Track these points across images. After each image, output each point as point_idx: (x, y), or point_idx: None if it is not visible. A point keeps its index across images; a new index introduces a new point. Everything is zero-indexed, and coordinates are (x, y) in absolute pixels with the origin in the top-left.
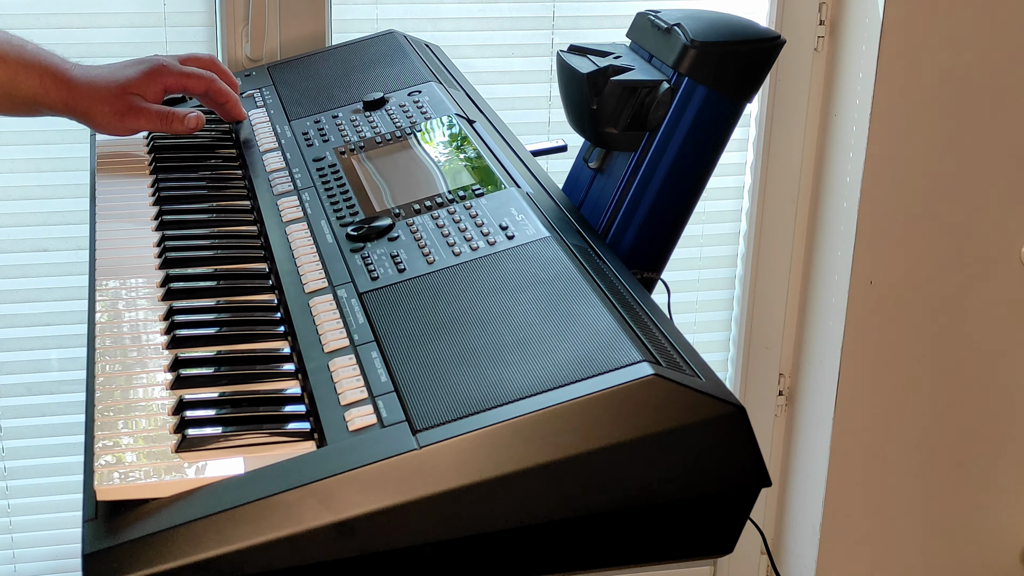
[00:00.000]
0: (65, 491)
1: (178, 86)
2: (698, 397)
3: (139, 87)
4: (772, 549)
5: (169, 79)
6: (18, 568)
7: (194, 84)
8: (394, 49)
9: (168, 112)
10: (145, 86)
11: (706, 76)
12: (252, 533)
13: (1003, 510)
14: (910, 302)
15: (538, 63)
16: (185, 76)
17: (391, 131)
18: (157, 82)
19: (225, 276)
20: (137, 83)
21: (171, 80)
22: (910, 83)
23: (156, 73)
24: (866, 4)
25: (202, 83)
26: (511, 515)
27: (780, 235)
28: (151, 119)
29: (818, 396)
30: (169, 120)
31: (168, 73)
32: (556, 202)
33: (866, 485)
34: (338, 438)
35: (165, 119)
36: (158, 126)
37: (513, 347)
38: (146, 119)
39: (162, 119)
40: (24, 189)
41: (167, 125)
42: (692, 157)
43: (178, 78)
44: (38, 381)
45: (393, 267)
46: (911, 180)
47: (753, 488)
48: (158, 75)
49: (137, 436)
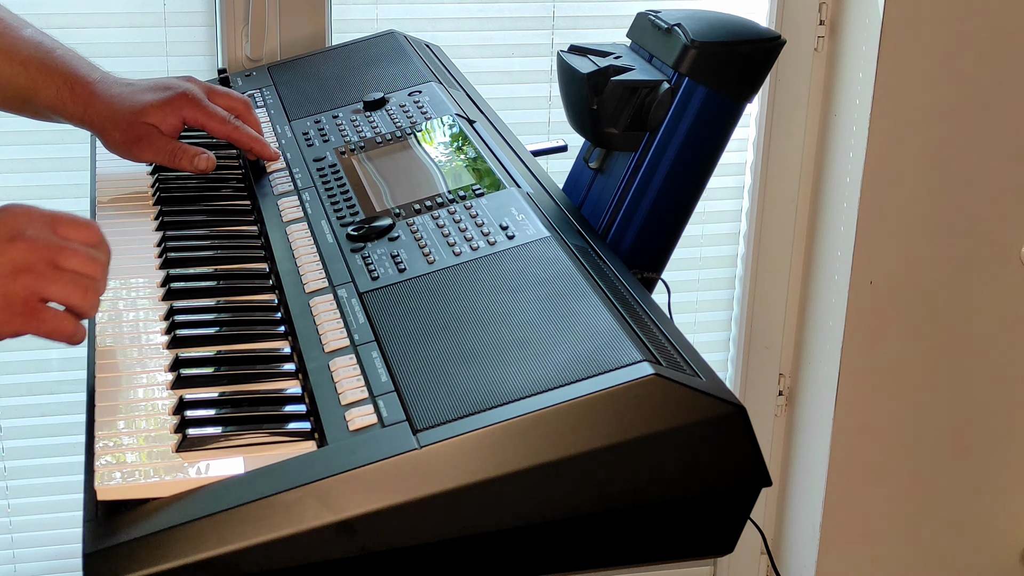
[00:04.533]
0: (65, 491)
1: (197, 123)
2: (698, 397)
3: (156, 116)
4: (772, 549)
5: (189, 112)
6: (18, 568)
7: (215, 127)
8: (394, 49)
9: (178, 148)
10: (163, 116)
11: (706, 76)
12: (252, 533)
13: (1003, 510)
14: (910, 302)
15: (538, 63)
16: (208, 115)
17: (391, 131)
18: (176, 114)
19: (225, 276)
20: (154, 110)
21: (191, 114)
22: (910, 83)
23: (177, 104)
24: (866, 4)
25: (223, 129)
26: (511, 515)
27: (780, 235)
28: (159, 153)
29: (818, 396)
30: (178, 157)
31: (191, 106)
32: (556, 202)
33: (866, 485)
34: (338, 438)
35: (173, 155)
36: (165, 160)
37: (513, 347)
38: (153, 152)
39: (170, 154)
40: (24, 189)
41: (175, 161)
42: (692, 157)
43: (199, 114)
44: (38, 381)
45: (393, 267)
46: (911, 180)
47: (753, 488)
48: (179, 106)
49: (137, 436)
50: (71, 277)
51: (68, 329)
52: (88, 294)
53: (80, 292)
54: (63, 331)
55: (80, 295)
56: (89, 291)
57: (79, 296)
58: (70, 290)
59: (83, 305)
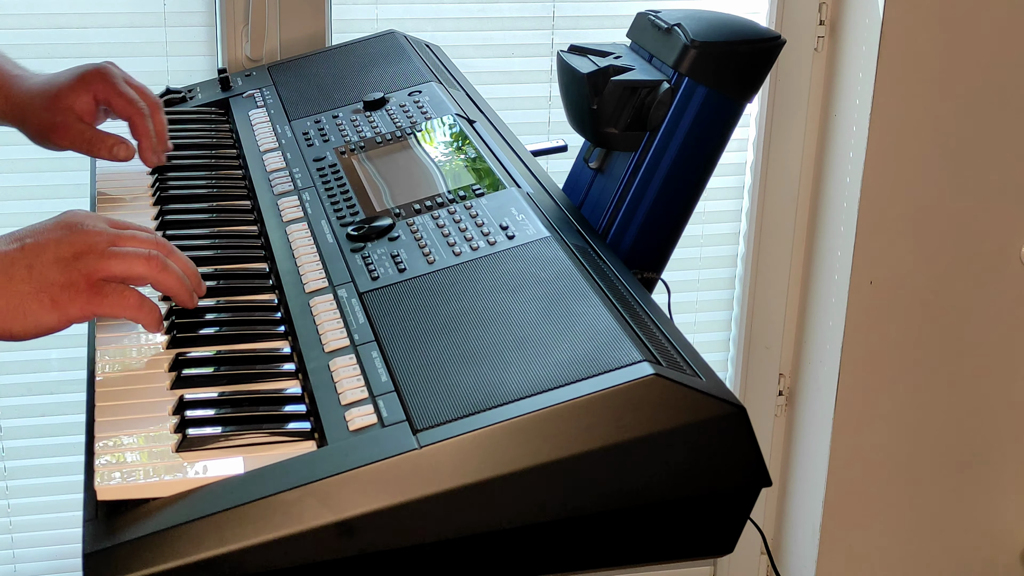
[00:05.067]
0: (65, 491)
1: (105, 99)
2: (698, 397)
3: (70, 95)
4: (772, 549)
5: (99, 87)
6: (18, 568)
7: (120, 105)
8: (394, 49)
9: (95, 135)
10: (76, 94)
11: (706, 76)
12: (252, 533)
13: (1003, 510)
14: (910, 302)
15: (538, 63)
16: (115, 92)
17: (391, 131)
18: (87, 89)
19: (225, 276)
20: (68, 90)
21: (101, 89)
22: (910, 83)
23: (89, 79)
24: (866, 4)
25: (127, 109)
26: (511, 515)
27: (780, 235)
28: (75, 140)
29: (818, 396)
30: (95, 145)
31: (102, 80)
32: (556, 202)
33: (866, 485)
34: (338, 438)
35: (91, 143)
36: (83, 148)
37: (513, 347)
38: (70, 139)
39: (88, 142)
40: (24, 189)
41: (92, 149)
42: (692, 157)
43: (108, 91)
44: (38, 381)
45: (393, 267)
46: (911, 180)
47: (753, 488)
48: (90, 81)
49: (137, 436)
50: (131, 254)
51: (132, 301)
52: (152, 264)
53: (142, 263)
54: (127, 304)
55: (143, 265)
56: (152, 262)
57: (142, 266)
58: (130, 263)
59: (148, 274)
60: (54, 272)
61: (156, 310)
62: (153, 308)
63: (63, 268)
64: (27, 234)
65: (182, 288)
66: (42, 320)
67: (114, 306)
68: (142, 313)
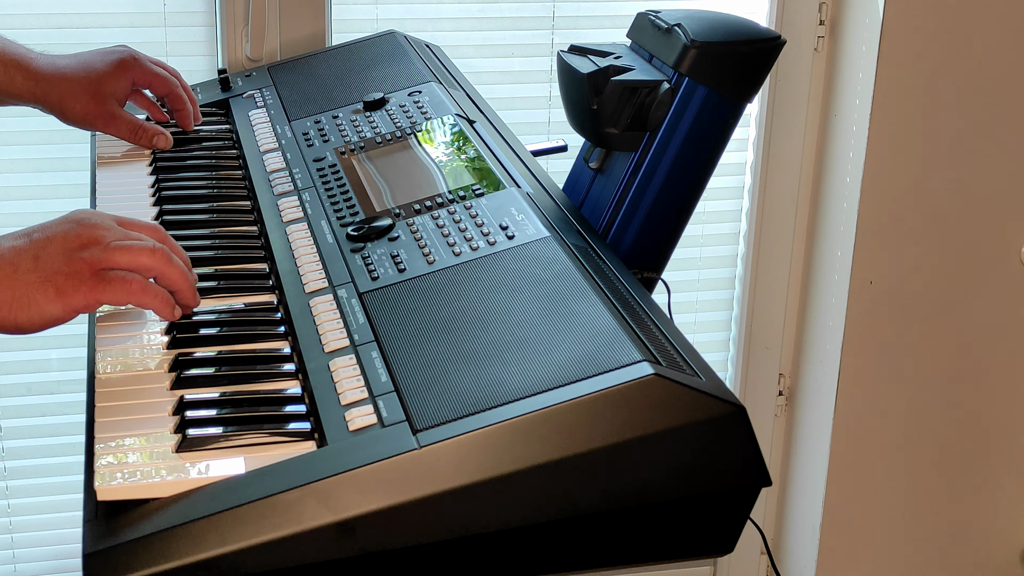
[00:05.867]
0: (65, 491)
1: (144, 82)
2: (698, 397)
3: (110, 81)
4: (772, 549)
5: (137, 73)
6: (18, 568)
7: (159, 84)
8: (394, 49)
9: (140, 126)
10: (116, 80)
11: (706, 76)
12: (253, 533)
13: (1003, 510)
14: (910, 302)
15: (538, 63)
16: (153, 74)
17: (391, 131)
18: (127, 75)
19: (225, 276)
20: (108, 76)
21: (139, 74)
22: (910, 83)
23: (126, 66)
24: (866, 4)
25: (166, 85)
26: (511, 515)
27: (780, 235)
28: (121, 129)
29: (818, 396)
30: (139, 134)
31: (137, 67)
32: (556, 202)
33: (866, 485)
34: (338, 438)
35: (136, 132)
36: (127, 136)
37: (513, 347)
38: (116, 128)
39: (133, 132)
40: (24, 189)
41: (136, 138)
42: (692, 157)
43: (146, 74)
44: (38, 381)
45: (393, 267)
46: (911, 180)
47: (753, 488)
48: (128, 68)
49: (138, 436)
50: (136, 246)
51: (136, 287)
52: (157, 256)
53: (147, 254)
54: (131, 290)
55: (148, 257)
56: (157, 254)
57: (147, 257)
58: (135, 254)
59: (153, 266)
60: (59, 262)
61: (163, 293)
62: (159, 291)
63: (68, 258)
64: (36, 229)
65: (186, 283)
66: (46, 310)
67: (118, 292)
68: (147, 297)
